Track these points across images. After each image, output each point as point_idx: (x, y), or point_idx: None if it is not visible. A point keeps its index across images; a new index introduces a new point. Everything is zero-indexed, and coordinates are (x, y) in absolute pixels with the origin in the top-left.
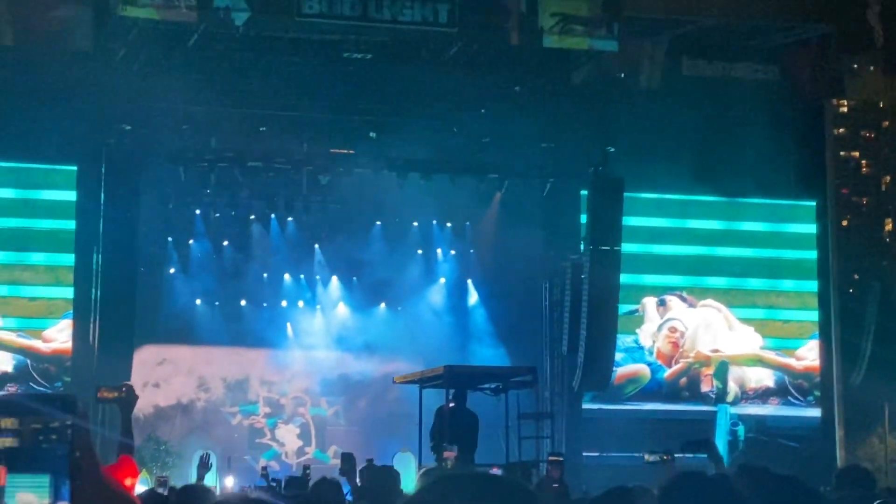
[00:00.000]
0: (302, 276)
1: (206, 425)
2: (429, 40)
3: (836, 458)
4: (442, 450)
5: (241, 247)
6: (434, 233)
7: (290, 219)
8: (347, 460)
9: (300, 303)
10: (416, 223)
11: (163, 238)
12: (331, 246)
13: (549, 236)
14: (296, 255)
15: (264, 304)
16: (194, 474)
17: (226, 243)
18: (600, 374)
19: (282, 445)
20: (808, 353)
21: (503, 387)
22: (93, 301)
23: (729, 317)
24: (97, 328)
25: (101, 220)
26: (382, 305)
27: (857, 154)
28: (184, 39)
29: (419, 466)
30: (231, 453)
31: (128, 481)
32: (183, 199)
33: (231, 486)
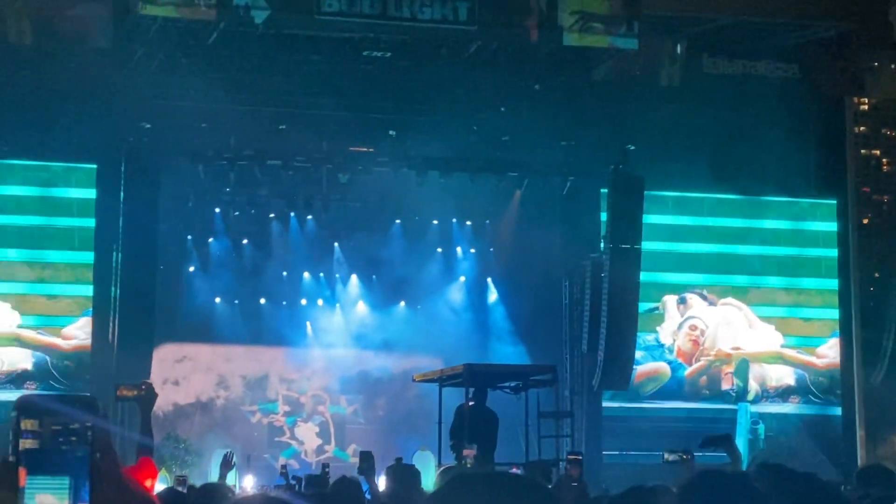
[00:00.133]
0: (321, 274)
1: (225, 423)
2: (448, 38)
3: (856, 456)
4: (461, 448)
5: (261, 245)
6: (454, 231)
7: (309, 217)
8: (366, 459)
9: (319, 301)
10: (435, 221)
11: (182, 236)
12: (350, 244)
13: (569, 234)
14: (315, 253)
15: (283, 303)
16: (213, 472)
17: (245, 241)
18: (620, 373)
19: (301, 444)
20: (828, 352)
21: (523, 385)
22: (112, 299)
23: (749, 315)
24: (116, 326)
25: (120, 218)
26: (402, 303)
27: (878, 152)
28: (203, 37)
29: (438, 465)
30: (250, 451)
31: (147, 482)
32: (202, 198)
33: (251, 485)
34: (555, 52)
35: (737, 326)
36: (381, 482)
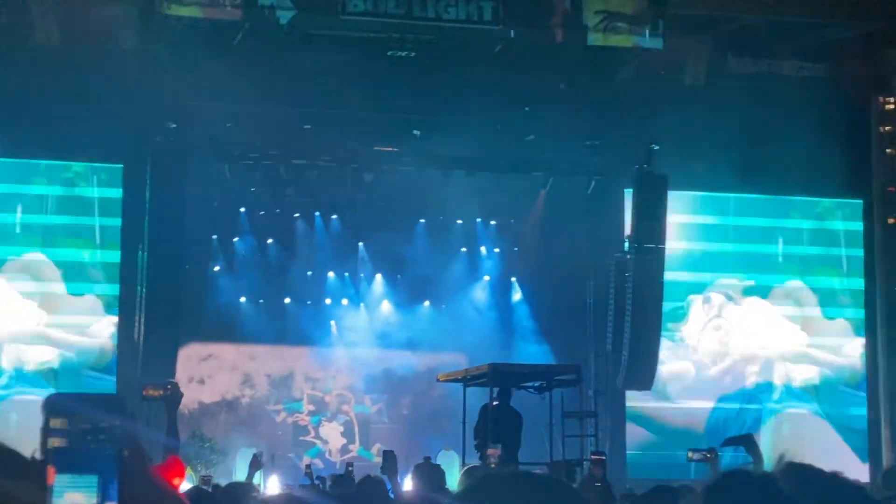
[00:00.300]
0: (346, 273)
1: (250, 422)
2: (473, 38)
3: (881, 457)
4: (486, 448)
5: (286, 244)
6: (478, 230)
7: (334, 216)
8: (388, 458)
9: (344, 300)
10: (459, 221)
11: (207, 236)
12: (375, 243)
13: (594, 234)
14: (340, 252)
15: (308, 302)
16: (238, 471)
17: (270, 241)
18: (645, 373)
19: (325, 443)
20: (853, 352)
21: (547, 385)
22: (138, 298)
23: (774, 314)
24: (142, 325)
25: (146, 217)
26: (426, 303)
27: None
28: (228, 38)
29: (463, 465)
30: (275, 451)
31: (175, 481)
32: (228, 197)
33: (275, 485)
34: (579, 52)
35: (761, 326)
36: (407, 481)
